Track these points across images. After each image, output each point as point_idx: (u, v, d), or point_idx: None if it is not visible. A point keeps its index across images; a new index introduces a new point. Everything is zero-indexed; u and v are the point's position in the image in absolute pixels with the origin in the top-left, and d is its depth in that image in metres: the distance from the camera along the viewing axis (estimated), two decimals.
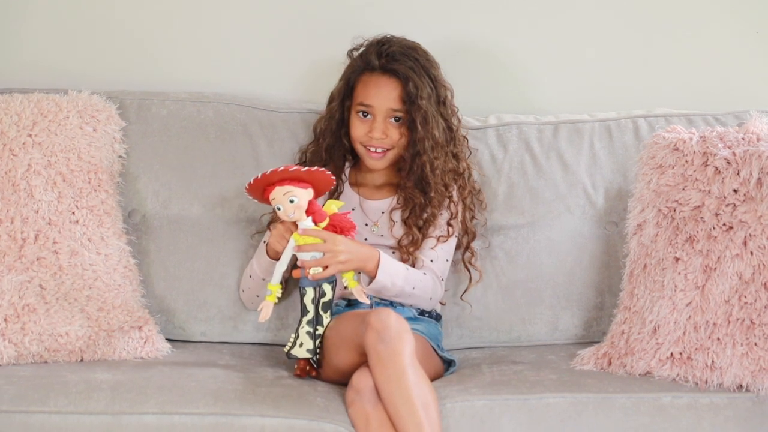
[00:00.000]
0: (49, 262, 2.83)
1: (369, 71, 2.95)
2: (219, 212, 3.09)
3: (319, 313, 2.76)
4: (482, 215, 3.07)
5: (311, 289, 2.74)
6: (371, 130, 2.93)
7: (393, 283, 2.83)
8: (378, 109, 2.93)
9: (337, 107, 2.99)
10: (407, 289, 2.86)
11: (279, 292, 2.76)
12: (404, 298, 2.89)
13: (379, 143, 2.93)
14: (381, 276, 2.81)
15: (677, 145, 2.87)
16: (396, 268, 2.85)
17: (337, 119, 2.99)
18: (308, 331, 2.74)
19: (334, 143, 3.00)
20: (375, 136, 2.93)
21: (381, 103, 2.92)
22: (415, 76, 2.91)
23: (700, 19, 3.35)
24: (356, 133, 2.95)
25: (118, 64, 3.30)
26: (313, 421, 2.54)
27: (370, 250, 2.82)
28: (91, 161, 2.96)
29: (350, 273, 2.79)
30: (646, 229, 2.86)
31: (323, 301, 2.76)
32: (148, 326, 2.90)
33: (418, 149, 2.92)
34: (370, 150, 2.95)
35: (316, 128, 3.06)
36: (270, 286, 2.76)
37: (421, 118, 2.90)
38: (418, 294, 2.89)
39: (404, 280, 2.85)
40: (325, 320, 2.76)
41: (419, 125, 2.90)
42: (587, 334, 3.08)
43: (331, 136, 3.00)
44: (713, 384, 2.67)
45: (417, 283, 2.88)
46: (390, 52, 2.94)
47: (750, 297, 2.69)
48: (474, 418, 2.61)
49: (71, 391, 2.57)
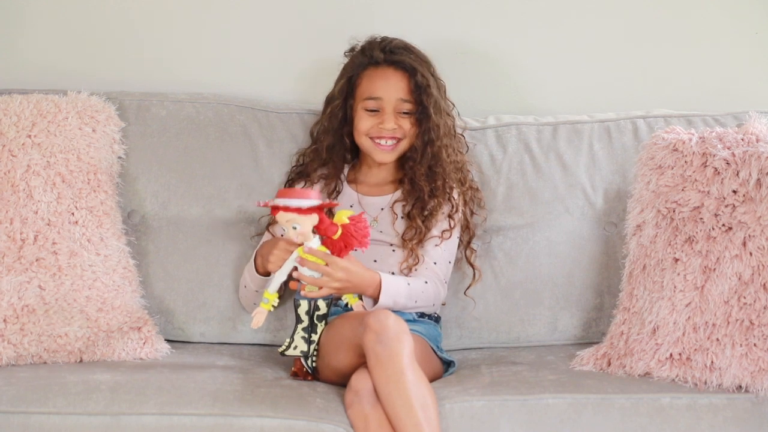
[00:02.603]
0: (48, 263, 2.83)
1: (373, 65, 2.96)
2: (218, 213, 3.09)
3: (314, 323, 2.76)
4: (482, 212, 3.07)
5: (305, 302, 2.74)
6: (382, 122, 2.93)
7: (395, 302, 2.84)
8: (387, 101, 2.93)
9: (339, 105, 2.98)
10: (410, 305, 2.87)
11: (275, 301, 2.74)
12: (407, 311, 2.90)
13: (392, 133, 2.93)
14: (383, 299, 2.82)
15: (676, 145, 2.87)
16: (397, 287, 2.85)
17: (339, 118, 2.99)
18: (303, 336, 2.74)
19: (335, 143, 3.00)
20: (387, 126, 2.92)
21: (390, 94, 2.93)
22: (420, 67, 2.93)
23: (699, 20, 3.35)
24: (364, 126, 2.95)
25: (117, 65, 3.30)
26: (312, 422, 2.54)
27: (371, 276, 2.81)
28: (90, 162, 2.96)
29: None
30: (646, 229, 2.86)
31: (318, 314, 2.76)
32: (148, 327, 2.90)
33: (431, 137, 2.93)
34: (379, 143, 2.95)
35: (314, 131, 3.06)
36: (267, 294, 2.74)
37: (433, 106, 2.91)
38: (421, 305, 2.90)
39: (407, 298, 2.86)
40: (320, 328, 2.76)
41: (432, 113, 2.91)
42: (586, 334, 3.08)
43: (333, 136, 3.00)
44: (712, 385, 2.67)
45: (419, 295, 2.89)
46: (392, 47, 2.96)
47: (749, 298, 2.69)
48: (473, 418, 2.60)
49: (70, 392, 2.57)
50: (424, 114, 2.93)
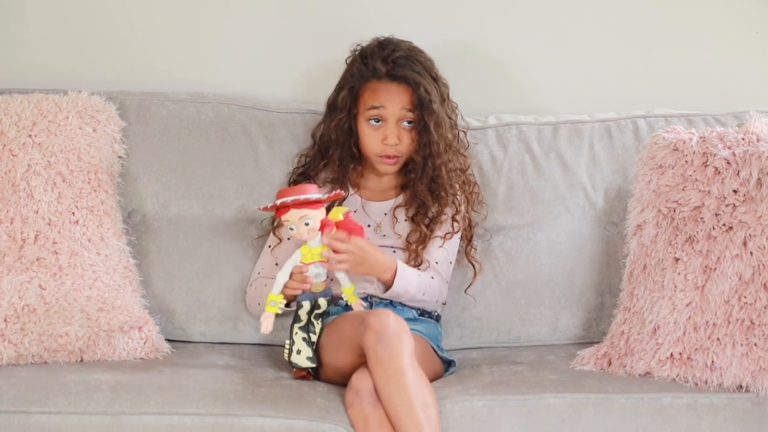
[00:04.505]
0: (48, 263, 2.83)
1: (376, 79, 2.94)
2: (219, 213, 3.09)
3: (311, 321, 2.76)
4: (482, 209, 3.07)
5: (307, 303, 2.75)
6: (385, 137, 2.92)
7: (406, 290, 2.86)
8: (391, 112, 2.92)
9: (345, 118, 2.97)
10: (418, 296, 2.88)
11: (282, 302, 2.74)
12: (413, 304, 2.90)
13: (396, 150, 2.93)
14: (398, 284, 2.84)
15: (677, 145, 2.87)
16: (410, 276, 2.87)
17: (345, 130, 2.98)
18: (303, 338, 2.74)
19: (344, 155, 2.99)
20: (390, 142, 2.92)
21: (393, 106, 2.92)
22: (424, 81, 2.91)
23: (699, 20, 3.35)
24: (370, 144, 2.94)
25: (118, 65, 3.30)
26: (312, 421, 2.54)
27: (389, 261, 2.83)
28: (90, 162, 2.96)
29: (351, 288, 2.81)
30: (646, 229, 2.86)
31: (317, 312, 2.77)
32: (148, 327, 2.90)
33: (431, 152, 2.92)
34: (384, 158, 2.95)
35: (315, 134, 3.06)
36: (272, 296, 2.74)
37: (434, 122, 2.91)
38: (427, 299, 2.91)
39: (416, 288, 2.87)
40: (317, 327, 2.77)
41: (432, 129, 2.91)
42: (587, 334, 3.08)
43: (341, 148, 2.99)
44: (713, 384, 2.67)
45: (427, 288, 2.89)
46: (395, 58, 2.93)
47: (750, 297, 2.69)
48: (474, 418, 2.61)
49: (71, 392, 2.57)
50: (425, 129, 2.92)
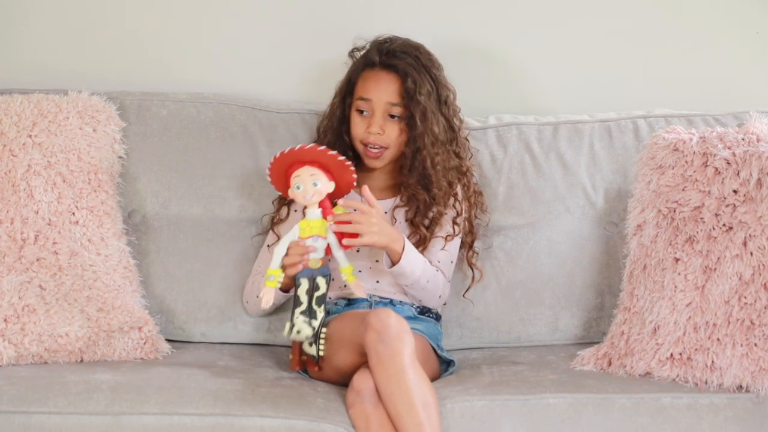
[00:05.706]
0: (48, 263, 2.83)
1: (369, 67, 2.96)
2: (219, 213, 3.09)
3: (312, 307, 2.75)
4: (484, 216, 3.07)
5: (306, 280, 2.74)
6: (369, 125, 2.93)
7: (413, 270, 2.84)
8: (376, 103, 2.93)
9: (338, 104, 2.99)
10: (422, 282, 2.87)
11: (281, 277, 2.75)
12: (416, 290, 2.89)
13: (376, 139, 2.93)
14: (405, 260, 2.82)
15: (677, 145, 2.87)
16: (417, 257, 2.86)
17: (338, 116, 3.00)
18: (304, 320, 2.73)
19: (335, 141, 3.00)
20: (372, 130, 2.93)
21: (379, 97, 2.93)
22: (413, 72, 2.91)
23: (699, 20, 3.35)
24: (355, 131, 2.96)
25: (118, 65, 3.30)
26: (313, 421, 2.54)
27: (398, 233, 2.83)
28: (91, 162, 2.96)
29: (349, 268, 2.79)
30: (646, 229, 2.86)
31: (317, 294, 2.75)
32: (148, 327, 2.90)
33: (418, 145, 2.92)
34: (368, 149, 2.95)
35: (319, 128, 3.07)
36: (270, 270, 2.74)
37: (420, 114, 2.90)
38: (430, 288, 2.89)
39: (422, 271, 2.86)
40: (319, 314, 2.74)
41: (418, 120, 2.90)
42: (587, 334, 3.08)
43: (333, 134, 3.01)
44: (713, 384, 2.67)
45: (431, 277, 2.89)
46: (391, 49, 2.94)
47: (750, 297, 2.69)
48: (474, 418, 2.61)
49: (71, 392, 2.57)
50: (411, 122, 2.92)
